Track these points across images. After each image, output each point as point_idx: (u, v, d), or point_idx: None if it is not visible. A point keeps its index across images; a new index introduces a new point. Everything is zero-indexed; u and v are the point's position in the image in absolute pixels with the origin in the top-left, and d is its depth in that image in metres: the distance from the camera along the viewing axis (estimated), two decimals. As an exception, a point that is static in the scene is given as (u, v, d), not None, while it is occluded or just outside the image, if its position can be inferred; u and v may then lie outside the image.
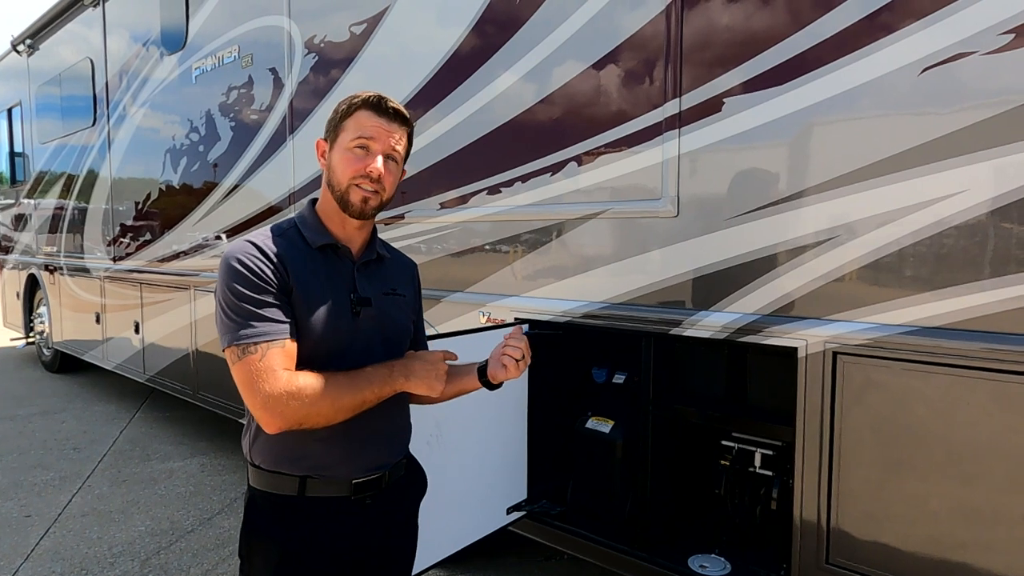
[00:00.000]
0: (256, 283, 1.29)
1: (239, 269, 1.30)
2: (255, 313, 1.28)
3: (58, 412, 5.79)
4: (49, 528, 3.54)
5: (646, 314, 2.28)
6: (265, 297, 1.29)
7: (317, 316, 1.35)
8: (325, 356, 1.36)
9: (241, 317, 1.28)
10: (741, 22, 2.03)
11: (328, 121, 1.43)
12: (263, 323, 1.28)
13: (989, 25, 1.62)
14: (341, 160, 1.39)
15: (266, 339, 1.27)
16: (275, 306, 1.30)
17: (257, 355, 1.26)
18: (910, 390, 1.78)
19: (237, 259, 1.31)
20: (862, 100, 1.82)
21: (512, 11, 2.61)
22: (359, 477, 1.40)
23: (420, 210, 2.99)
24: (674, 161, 2.17)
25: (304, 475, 1.36)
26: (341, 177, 1.39)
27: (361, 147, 1.38)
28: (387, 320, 1.47)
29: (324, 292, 1.37)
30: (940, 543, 1.77)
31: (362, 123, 1.38)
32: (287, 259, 1.34)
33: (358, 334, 1.41)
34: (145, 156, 5.18)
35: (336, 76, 3.37)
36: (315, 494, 1.37)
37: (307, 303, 1.34)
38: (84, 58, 5.90)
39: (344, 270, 1.43)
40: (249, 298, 1.28)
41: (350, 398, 1.30)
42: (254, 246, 1.33)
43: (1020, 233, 1.62)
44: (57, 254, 6.76)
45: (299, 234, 1.41)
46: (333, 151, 1.41)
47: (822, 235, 1.89)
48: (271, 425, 1.27)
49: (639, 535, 2.41)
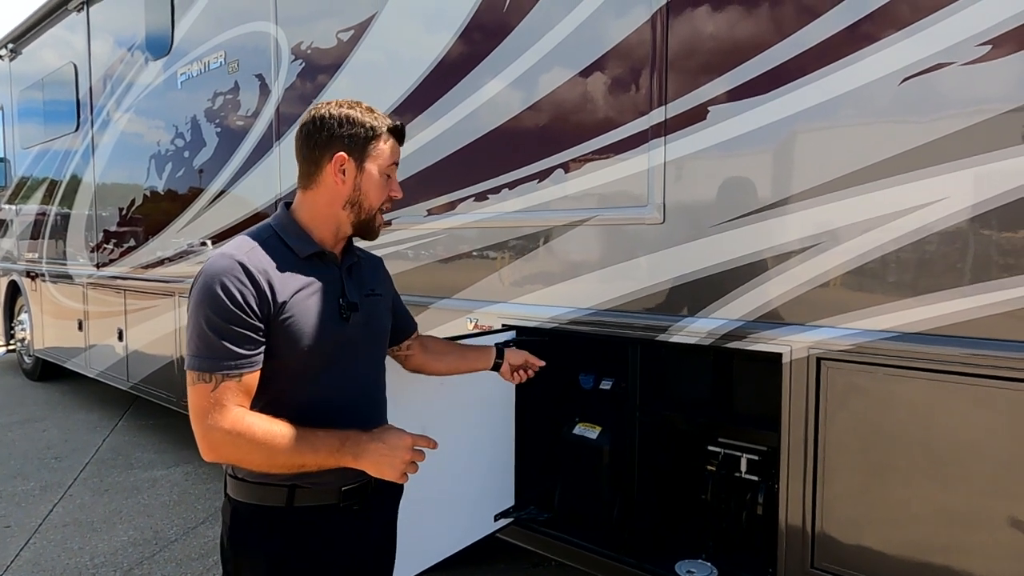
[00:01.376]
0: (230, 311, 1.26)
1: (217, 293, 1.26)
2: (218, 342, 1.26)
3: (39, 420, 5.71)
4: (29, 539, 3.49)
5: (633, 320, 2.29)
6: (235, 327, 1.26)
7: (309, 327, 1.34)
8: (316, 366, 1.36)
9: (204, 343, 1.27)
10: (725, 31, 2.06)
11: (348, 136, 1.39)
12: (224, 353, 1.26)
13: (967, 36, 1.65)
14: (376, 186, 1.42)
15: (222, 371, 1.26)
16: (243, 336, 1.27)
17: (210, 385, 1.26)
18: (893, 395, 1.80)
19: (219, 282, 1.27)
20: (844, 109, 1.84)
21: (499, 19, 2.62)
22: (348, 484, 1.39)
23: (407, 217, 2.99)
24: (660, 168, 2.19)
25: (292, 484, 1.35)
26: (373, 202, 1.43)
27: (389, 174, 1.45)
28: (372, 322, 1.48)
29: (314, 302, 1.37)
30: (923, 546, 1.78)
31: (394, 149, 1.45)
32: (274, 276, 1.32)
33: (347, 339, 1.41)
34: (130, 161, 5.14)
35: (323, 82, 3.37)
36: (304, 503, 1.36)
37: (297, 316, 1.33)
38: (67, 62, 5.85)
39: (331, 277, 1.43)
40: (216, 325, 1.26)
41: (286, 458, 1.26)
42: (241, 267, 1.29)
43: (999, 240, 1.65)
44: (39, 260, 6.68)
45: (282, 243, 1.39)
46: (364, 174, 1.41)
47: (805, 242, 1.91)
48: (206, 456, 1.28)
49: (626, 541, 2.42)
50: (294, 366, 1.34)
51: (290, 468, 1.28)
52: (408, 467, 1.32)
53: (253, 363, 1.29)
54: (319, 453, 1.28)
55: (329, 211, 1.42)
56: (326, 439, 1.29)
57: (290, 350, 1.33)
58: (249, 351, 1.28)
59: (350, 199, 1.41)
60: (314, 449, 1.27)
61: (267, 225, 1.45)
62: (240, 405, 1.27)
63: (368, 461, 1.30)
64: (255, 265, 1.30)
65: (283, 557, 1.35)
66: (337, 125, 1.39)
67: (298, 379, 1.36)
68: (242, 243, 1.37)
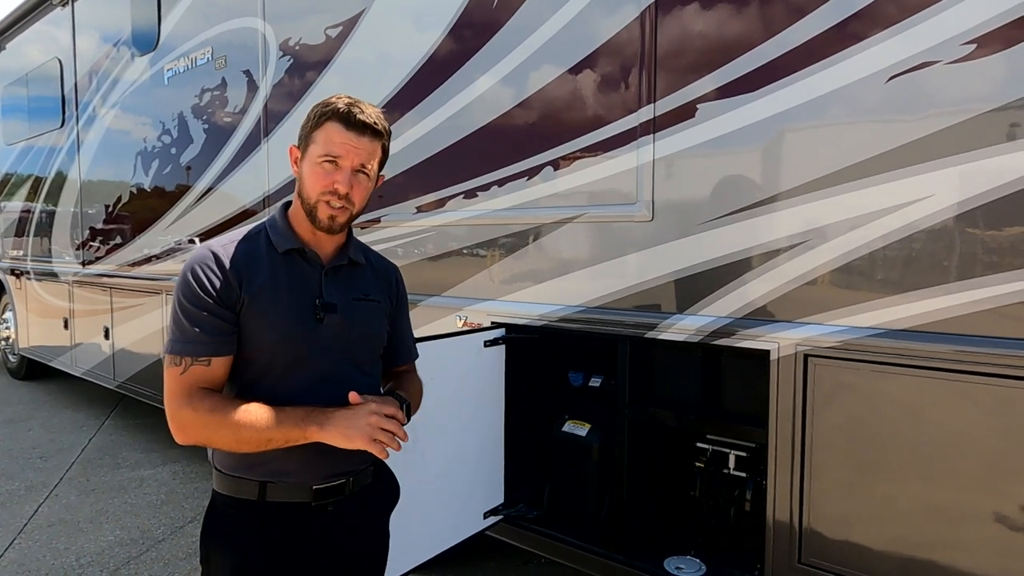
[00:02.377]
0: (199, 296, 1.30)
1: (188, 280, 1.32)
2: (187, 326, 1.30)
3: (24, 420, 5.65)
4: (14, 539, 3.45)
5: (622, 318, 2.29)
6: (203, 312, 1.30)
7: (275, 322, 1.34)
8: (285, 362, 1.35)
9: (177, 327, 1.32)
10: (714, 29, 2.06)
11: (301, 127, 1.41)
12: (193, 337, 1.30)
13: (951, 36, 1.66)
14: (310, 174, 1.37)
15: (191, 355, 1.30)
16: (210, 322, 1.30)
17: (180, 367, 1.30)
18: (879, 392, 1.81)
19: (191, 269, 1.32)
20: (831, 107, 1.85)
21: (488, 16, 2.61)
22: (320, 484, 1.38)
23: (396, 214, 2.98)
24: (649, 166, 2.19)
25: (264, 480, 1.35)
26: (310, 191, 1.37)
27: (330, 162, 1.35)
28: (356, 326, 1.44)
29: (284, 298, 1.36)
30: (909, 542, 1.80)
31: (331, 137, 1.34)
32: (243, 267, 1.34)
33: (320, 340, 1.38)
34: (116, 158, 5.09)
35: (312, 79, 3.35)
36: (275, 499, 1.36)
37: (263, 310, 1.33)
38: (52, 58, 5.78)
39: (311, 275, 1.41)
40: (187, 310, 1.31)
41: (252, 434, 1.26)
42: (212, 255, 1.33)
43: (985, 237, 1.66)
44: (24, 258, 6.61)
45: (267, 239, 1.41)
46: (304, 162, 1.39)
47: (793, 239, 1.93)
48: (177, 437, 1.31)
49: (615, 538, 2.43)
50: (261, 359, 1.34)
51: (259, 444, 1.27)
52: (377, 432, 1.28)
53: (220, 349, 1.31)
54: (283, 425, 1.27)
55: (297, 204, 1.42)
56: (291, 411, 1.29)
57: (254, 342, 1.34)
58: (216, 337, 1.31)
59: (298, 189, 1.41)
60: (279, 423, 1.27)
61: (263, 222, 1.47)
62: (208, 388, 1.30)
63: (334, 430, 1.27)
64: (227, 255, 1.34)
65: (250, 550, 1.35)
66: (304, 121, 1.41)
67: (268, 373, 1.36)
68: (228, 236, 1.40)
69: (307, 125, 1.39)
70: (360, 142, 1.35)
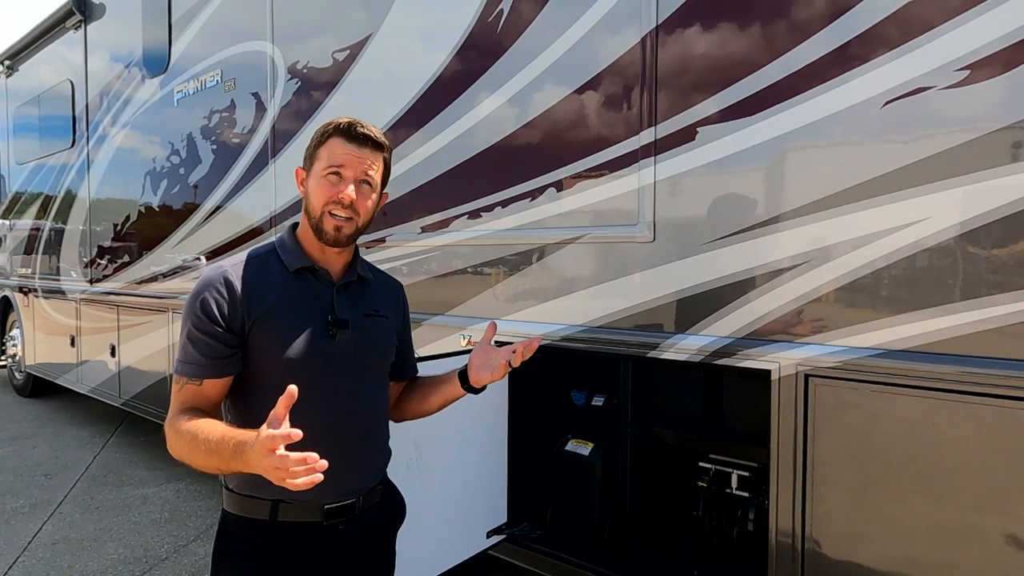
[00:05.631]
0: (200, 318, 1.34)
1: (194, 301, 1.35)
2: (188, 347, 1.35)
3: (29, 437, 5.67)
4: (18, 557, 3.46)
5: (624, 337, 2.31)
6: (202, 334, 1.34)
7: (289, 340, 1.36)
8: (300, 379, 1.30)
9: (182, 346, 1.37)
10: (715, 53, 2.10)
11: (305, 149, 1.46)
12: (190, 358, 1.35)
13: (949, 60, 1.69)
14: (315, 188, 1.41)
15: (186, 375, 1.35)
16: (208, 345, 1.33)
17: (177, 386, 1.37)
18: (881, 412, 1.82)
19: (199, 291, 1.36)
20: (831, 129, 1.88)
21: (494, 39, 2.66)
22: (332, 503, 1.39)
23: (401, 233, 3.01)
24: (650, 187, 2.22)
25: (276, 499, 1.35)
26: (315, 204, 1.40)
27: (334, 174, 1.39)
28: (367, 342, 1.47)
29: (299, 315, 1.39)
30: (911, 562, 1.80)
31: (334, 150, 1.39)
32: (255, 287, 1.37)
33: (335, 356, 1.40)
34: (125, 178, 5.15)
35: (319, 100, 3.40)
36: (287, 519, 1.37)
37: (277, 328, 1.36)
38: (64, 79, 5.88)
39: (323, 292, 1.44)
40: (189, 331, 1.35)
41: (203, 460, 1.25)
42: (222, 278, 1.36)
43: (985, 257, 1.68)
44: (32, 276, 6.66)
45: (277, 258, 1.44)
46: (309, 179, 1.44)
47: (793, 260, 1.94)
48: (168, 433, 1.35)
49: (618, 556, 2.42)
50: (274, 377, 1.33)
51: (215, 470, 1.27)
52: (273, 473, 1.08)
53: (213, 371, 1.34)
54: (222, 456, 1.20)
55: (305, 224, 1.46)
56: (221, 445, 1.20)
57: (266, 361, 1.36)
58: (211, 359, 1.34)
59: (305, 206, 1.45)
60: (216, 453, 1.21)
61: (271, 241, 1.51)
62: (197, 408, 1.34)
63: (255, 467, 1.12)
64: (237, 276, 1.37)
65: (262, 570, 1.35)
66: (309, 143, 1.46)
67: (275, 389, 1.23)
68: (238, 256, 1.44)
69: (311, 146, 1.44)
70: (362, 152, 1.40)
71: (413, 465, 2.08)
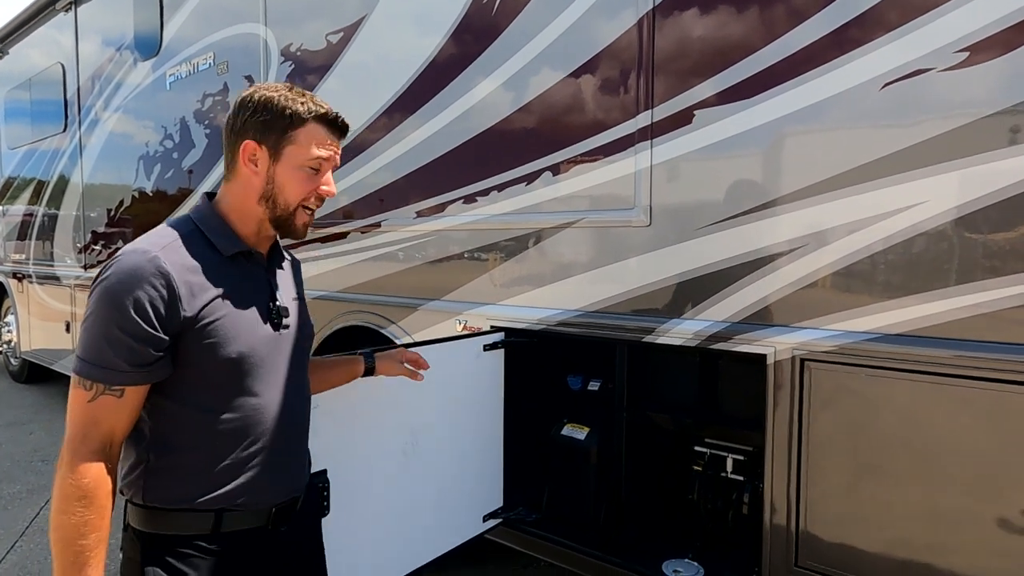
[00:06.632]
0: (131, 319, 1.12)
1: (121, 299, 1.12)
2: (107, 349, 1.13)
3: (26, 423, 5.67)
4: (15, 542, 3.46)
5: (620, 322, 2.31)
6: (130, 337, 1.13)
7: (236, 335, 1.23)
8: (248, 373, 1.25)
9: (94, 346, 1.14)
10: (712, 35, 2.08)
11: (263, 122, 1.25)
12: (110, 363, 1.13)
13: (947, 42, 1.67)
14: (293, 178, 1.27)
15: (104, 382, 1.13)
16: (135, 349, 1.13)
17: (90, 393, 1.14)
18: (876, 396, 1.82)
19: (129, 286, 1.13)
20: (827, 113, 1.87)
21: (488, 22, 2.63)
22: (280, 502, 1.30)
23: (396, 218, 3.00)
24: (647, 171, 2.21)
25: (220, 509, 1.23)
26: (290, 197, 1.27)
27: (315, 167, 1.28)
28: (299, 328, 1.37)
29: (240, 307, 1.25)
30: (905, 545, 1.81)
31: (320, 140, 1.27)
32: (193, 278, 1.19)
33: (278, 346, 1.31)
34: (118, 162, 5.11)
35: (313, 83, 3.37)
36: (231, 528, 1.24)
37: (219, 322, 1.21)
38: (55, 63, 5.81)
39: (260, 279, 1.32)
40: (111, 332, 1.13)
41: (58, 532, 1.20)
42: (157, 270, 1.14)
43: (981, 241, 1.67)
44: (26, 262, 6.63)
45: (206, 241, 1.25)
46: (279, 164, 1.26)
47: (789, 244, 1.94)
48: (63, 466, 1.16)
49: (614, 541, 2.43)
50: (218, 374, 1.22)
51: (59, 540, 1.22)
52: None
53: (138, 379, 1.15)
54: (64, 558, 1.20)
55: (246, 205, 1.29)
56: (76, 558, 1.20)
57: (211, 358, 1.20)
58: (139, 365, 1.14)
59: (264, 193, 1.27)
60: (66, 553, 1.20)
61: (187, 218, 1.30)
62: (117, 425, 1.15)
63: None
64: (172, 264, 1.17)
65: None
66: (253, 111, 1.25)
67: (225, 388, 1.23)
68: (160, 237, 1.22)
69: (276, 121, 1.25)
70: (338, 143, 1.32)
71: (410, 451, 2.09)
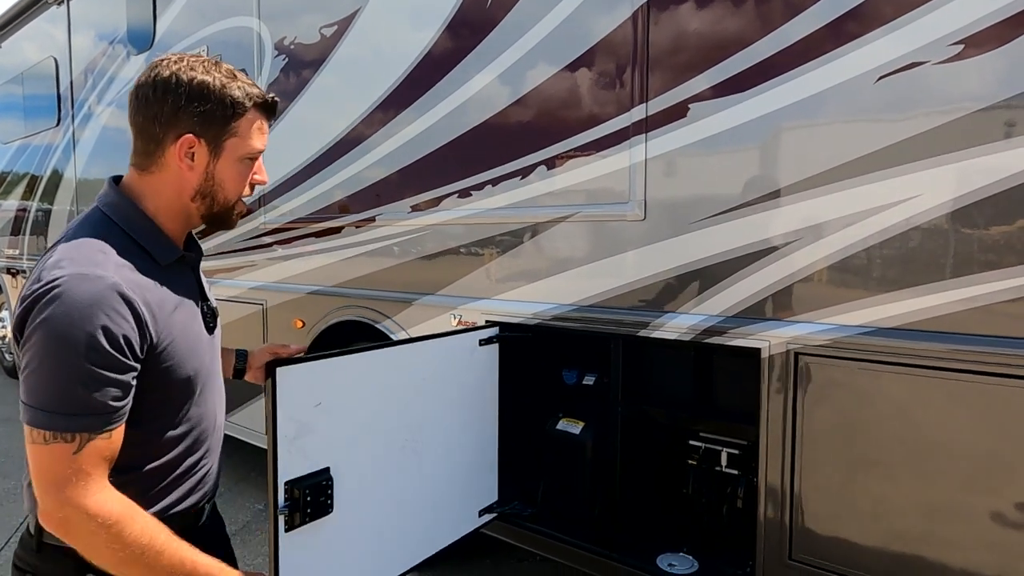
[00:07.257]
0: (108, 355, 1.00)
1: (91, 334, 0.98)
2: (85, 394, 0.99)
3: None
4: (11, 537, 3.44)
5: (615, 316, 2.31)
6: (112, 373, 1.01)
7: (187, 350, 1.14)
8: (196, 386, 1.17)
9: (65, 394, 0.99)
10: (707, 28, 2.07)
11: (201, 112, 1.10)
12: (94, 407, 0.99)
13: (942, 35, 1.67)
14: (233, 173, 1.16)
15: (89, 430, 1.00)
16: (118, 384, 1.02)
17: (72, 446, 0.99)
18: (870, 390, 1.83)
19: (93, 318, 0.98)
20: (822, 106, 1.86)
21: (483, 14, 2.62)
22: (211, 497, 1.27)
23: (391, 213, 2.99)
24: (641, 165, 2.20)
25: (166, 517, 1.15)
26: (230, 193, 1.17)
27: (253, 158, 1.19)
28: (218, 327, 1.30)
29: (187, 320, 1.16)
30: (899, 539, 1.82)
31: (259, 127, 1.17)
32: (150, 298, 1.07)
33: (213, 348, 1.24)
34: (111, 156, 5.08)
35: (307, 77, 3.35)
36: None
37: (175, 341, 1.11)
38: (48, 56, 5.77)
39: (190, 282, 1.22)
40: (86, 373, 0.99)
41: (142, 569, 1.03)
42: (118, 294, 1.02)
43: (974, 235, 1.67)
44: (20, 257, 6.60)
45: (140, 249, 1.12)
46: (220, 159, 1.14)
47: (783, 238, 1.94)
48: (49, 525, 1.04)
49: (609, 535, 2.44)
50: (177, 394, 1.15)
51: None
52: None
53: (123, 414, 1.05)
54: None
55: (177, 202, 1.15)
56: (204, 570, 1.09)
57: (170, 381, 1.12)
58: (122, 401, 1.03)
59: (201, 190, 1.15)
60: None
61: (103, 218, 1.13)
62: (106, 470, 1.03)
63: None
64: (130, 286, 1.04)
65: None
66: (187, 97, 1.09)
67: (180, 406, 1.17)
68: (95, 251, 1.06)
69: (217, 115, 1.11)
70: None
71: (407, 446, 2.09)
